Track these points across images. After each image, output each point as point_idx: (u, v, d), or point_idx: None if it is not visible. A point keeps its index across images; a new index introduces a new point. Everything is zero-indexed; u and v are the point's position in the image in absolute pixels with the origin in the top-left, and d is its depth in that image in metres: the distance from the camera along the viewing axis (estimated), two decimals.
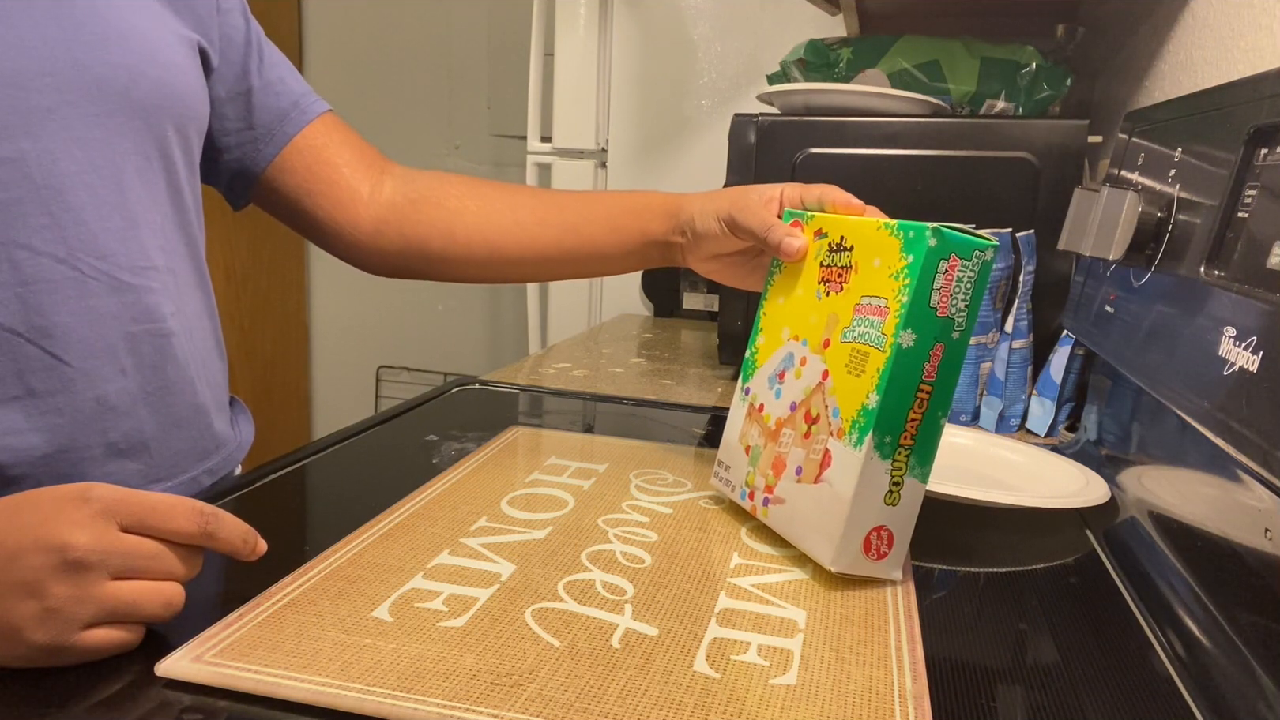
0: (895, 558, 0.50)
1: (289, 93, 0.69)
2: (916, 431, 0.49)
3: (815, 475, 0.52)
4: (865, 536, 0.49)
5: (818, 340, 0.55)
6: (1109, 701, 0.40)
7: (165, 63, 0.57)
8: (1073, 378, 0.84)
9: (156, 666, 0.38)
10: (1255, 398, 0.45)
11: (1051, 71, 1.02)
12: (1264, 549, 0.46)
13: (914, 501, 0.50)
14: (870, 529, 0.49)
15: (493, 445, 0.72)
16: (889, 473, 0.49)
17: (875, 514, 0.49)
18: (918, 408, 0.49)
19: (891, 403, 0.48)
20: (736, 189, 0.66)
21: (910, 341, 0.48)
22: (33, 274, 0.51)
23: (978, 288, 0.49)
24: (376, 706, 0.37)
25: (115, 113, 0.54)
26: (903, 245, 0.50)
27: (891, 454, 0.49)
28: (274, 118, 0.68)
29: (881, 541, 0.50)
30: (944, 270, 0.48)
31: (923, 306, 0.48)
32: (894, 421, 0.49)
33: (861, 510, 0.49)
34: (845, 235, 0.55)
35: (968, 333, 0.49)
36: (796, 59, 1.13)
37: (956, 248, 0.48)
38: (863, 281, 0.52)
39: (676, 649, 0.42)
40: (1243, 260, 0.52)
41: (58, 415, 0.53)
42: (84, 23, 0.53)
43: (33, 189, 0.50)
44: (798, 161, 0.96)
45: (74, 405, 0.53)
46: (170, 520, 0.40)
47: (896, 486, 0.49)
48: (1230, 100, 0.58)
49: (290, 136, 0.69)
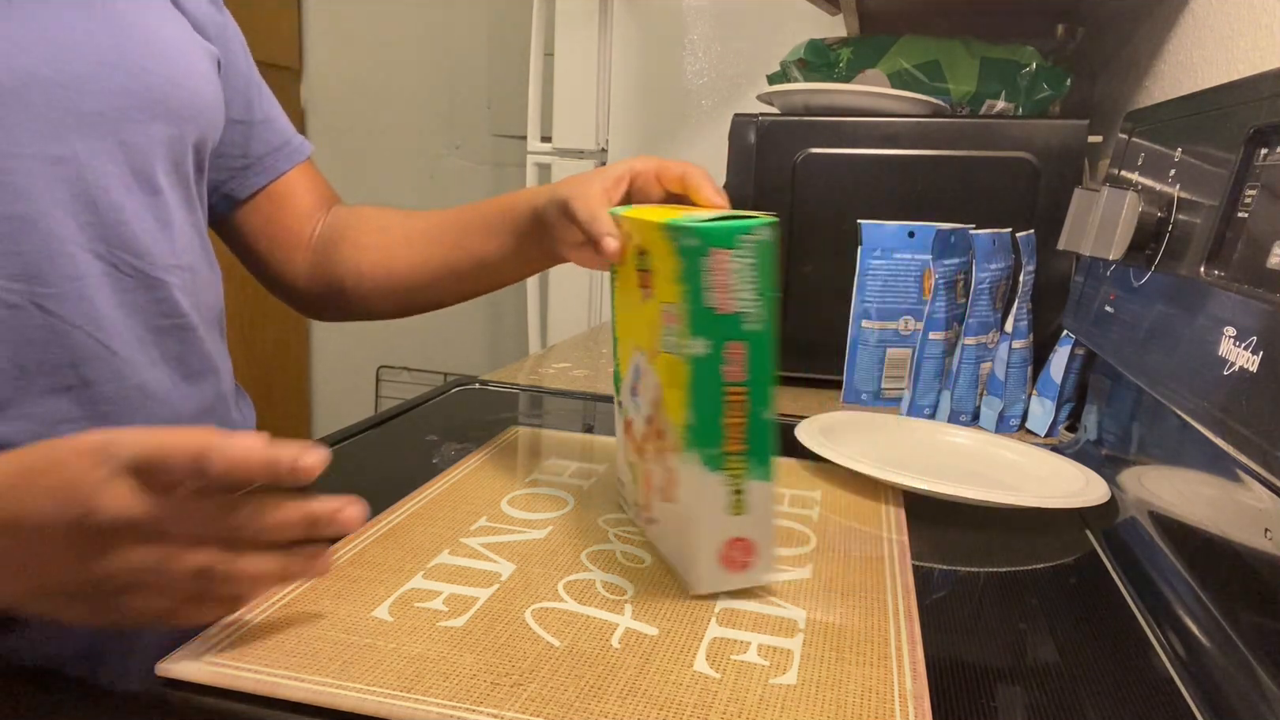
0: (762, 563, 0.47)
1: (282, 131, 0.73)
2: (743, 436, 0.45)
3: (671, 494, 0.49)
4: (720, 552, 0.46)
5: (651, 350, 0.50)
6: (1109, 701, 0.40)
7: (196, 76, 0.61)
8: (1073, 378, 0.84)
9: (156, 666, 0.38)
10: (1255, 398, 0.45)
11: (1051, 71, 1.02)
12: (1264, 549, 0.46)
13: (765, 503, 0.47)
14: (723, 543, 0.46)
15: (493, 445, 0.72)
16: (725, 484, 0.45)
17: (724, 527, 0.46)
18: (733, 412, 0.45)
19: (703, 415, 0.45)
20: (594, 171, 0.60)
21: (703, 349, 0.44)
22: (84, 269, 0.53)
23: (762, 271, 0.44)
24: (376, 706, 0.37)
25: (154, 119, 0.57)
26: (672, 247, 0.45)
27: (721, 465, 0.45)
28: (267, 151, 0.71)
29: (741, 553, 0.47)
30: (710, 267, 0.43)
31: (700, 309, 0.44)
32: (711, 433, 0.45)
33: (708, 528, 0.46)
34: (641, 236, 0.50)
35: (769, 319, 0.45)
36: (796, 59, 1.13)
37: (717, 240, 0.43)
38: (660, 286, 0.48)
39: (676, 649, 0.42)
40: (1243, 260, 0.52)
41: (107, 403, 0.55)
42: (129, 32, 0.56)
43: (84, 188, 0.53)
44: (798, 161, 0.96)
45: (121, 393, 0.56)
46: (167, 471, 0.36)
47: (739, 495, 0.46)
48: (1230, 100, 0.58)
49: (281, 171, 0.72)
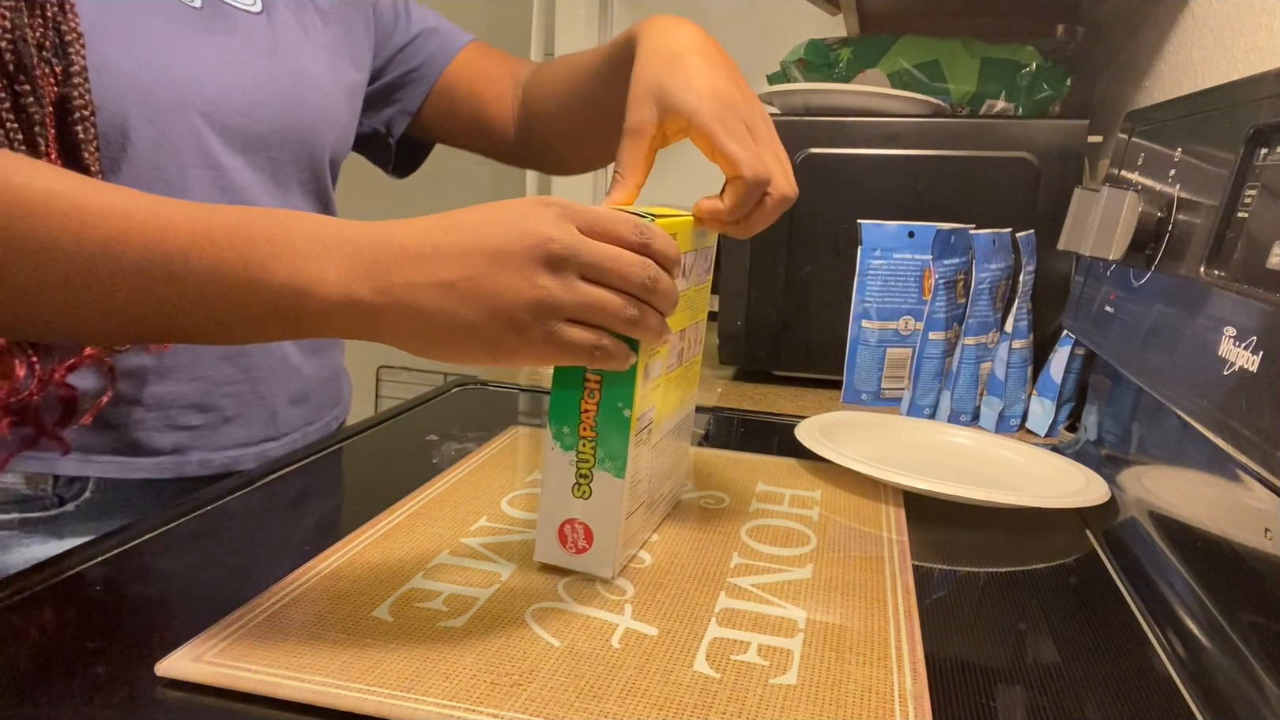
0: (600, 554, 0.49)
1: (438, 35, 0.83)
2: (595, 423, 0.48)
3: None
4: (559, 528, 0.49)
5: None
6: (1109, 701, 0.40)
7: (335, 105, 0.73)
8: (1073, 378, 0.84)
9: (156, 666, 0.38)
10: (1255, 398, 0.45)
11: (1051, 71, 1.02)
12: (1264, 549, 0.46)
13: (611, 497, 0.48)
14: (563, 520, 0.49)
15: (493, 445, 0.72)
16: (574, 464, 0.48)
17: (566, 506, 0.49)
18: (589, 398, 0.47)
19: (561, 393, 0.48)
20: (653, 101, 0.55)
21: None
22: None
23: None
24: (376, 706, 0.37)
25: (299, 142, 0.69)
26: None
27: (574, 445, 0.48)
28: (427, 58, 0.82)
29: (577, 535, 0.49)
30: None
31: None
32: (568, 412, 0.48)
33: (552, 501, 0.49)
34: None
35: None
36: (796, 59, 1.13)
37: None
38: None
39: (676, 649, 0.42)
40: (1243, 260, 0.52)
41: (258, 370, 0.68)
42: (288, 67, 0.68)
43: (234, 197, 0.64)
44: (798, 162, 0.96)
45: (269, 363, 0.69)
46: (614, 226, 0.43)
47: (584, 479, 0.49)
48: (1230, 100, 0.58)
49: (446, 62, 0.82)
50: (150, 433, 0.64)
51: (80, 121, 0.55)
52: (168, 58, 0.60)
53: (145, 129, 0.59)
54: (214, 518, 0.56)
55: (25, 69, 0.53)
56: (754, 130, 0.53)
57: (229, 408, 0.67)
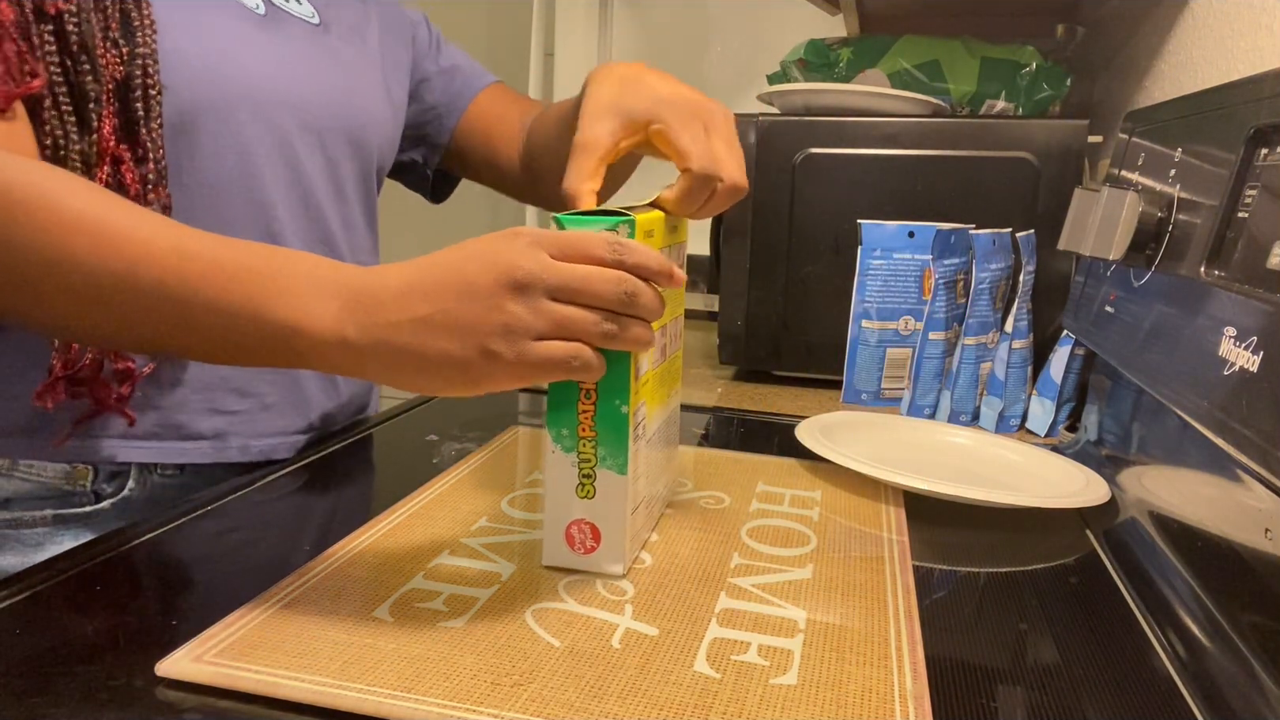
0: (609, 552, 0.50)
1: (462, 73, 0.87)
2: (594, 423, 0.48)
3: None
4: (566, 530, 0.50)
5: None
6: (1109, 701, 0.40)
7: (384, 115, 0.78)
8: (1073, 378, 0.84)
9: (156, 666, 0.38)
10: (1255, 398, 0.45)
11: (1051, 71, 1.02)
12: (1264, 549, 0.46)
13: (616, 495, 0.49)
14: (570, 522, 0.50)
15: (493, 445, 0.72)
16: (576, 465, 0.49)
17: (571, 507, 0.50)
18: (585, 399, 0.48)
19: (557, 397, 0.48)
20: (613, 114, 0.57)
21: None
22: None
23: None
24: (376, 706, 0.37)
25: (350, 144, 0.73)
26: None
27: (574, 447, 0.49)
28: (452, 96, 0.87)
29: (585, 535, 0.50)
30: None
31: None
32: (565, 414, 0.48)
33: (557, 503, 0.50)
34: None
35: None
36: (796, 59, 1.13)
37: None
38: None
39: (677, 649, 0.42)
40: (1243, 260, 0.52)
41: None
42: (345, 72, 0.73)
43: (300, 191, 0.69)
44: (798, 162, 0.96)
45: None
46: (587, 246, 0.43)
47: (588, 479, 0.49)
48: (1230, 100, 0.58)
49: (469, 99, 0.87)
50: (193, 415, 0.66)
51: (143, 99, 0.58)
52: (234, 50, 0.64)
53: (211, 115, 0.62)
54: (214, 518, 0.56)
55: (88, 49, 0.56)
56: (712, 128, 0.55)
57: (269, 394, 0.69)
